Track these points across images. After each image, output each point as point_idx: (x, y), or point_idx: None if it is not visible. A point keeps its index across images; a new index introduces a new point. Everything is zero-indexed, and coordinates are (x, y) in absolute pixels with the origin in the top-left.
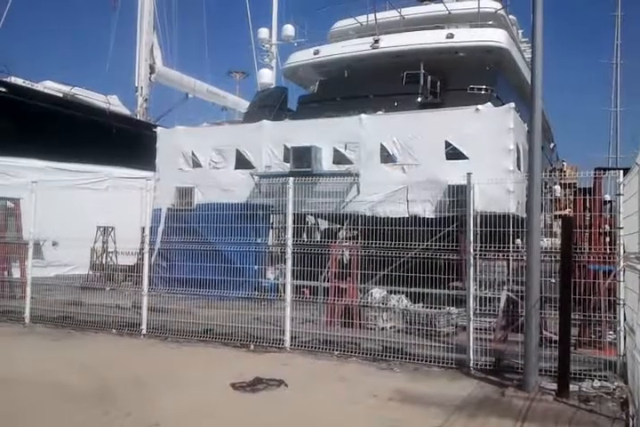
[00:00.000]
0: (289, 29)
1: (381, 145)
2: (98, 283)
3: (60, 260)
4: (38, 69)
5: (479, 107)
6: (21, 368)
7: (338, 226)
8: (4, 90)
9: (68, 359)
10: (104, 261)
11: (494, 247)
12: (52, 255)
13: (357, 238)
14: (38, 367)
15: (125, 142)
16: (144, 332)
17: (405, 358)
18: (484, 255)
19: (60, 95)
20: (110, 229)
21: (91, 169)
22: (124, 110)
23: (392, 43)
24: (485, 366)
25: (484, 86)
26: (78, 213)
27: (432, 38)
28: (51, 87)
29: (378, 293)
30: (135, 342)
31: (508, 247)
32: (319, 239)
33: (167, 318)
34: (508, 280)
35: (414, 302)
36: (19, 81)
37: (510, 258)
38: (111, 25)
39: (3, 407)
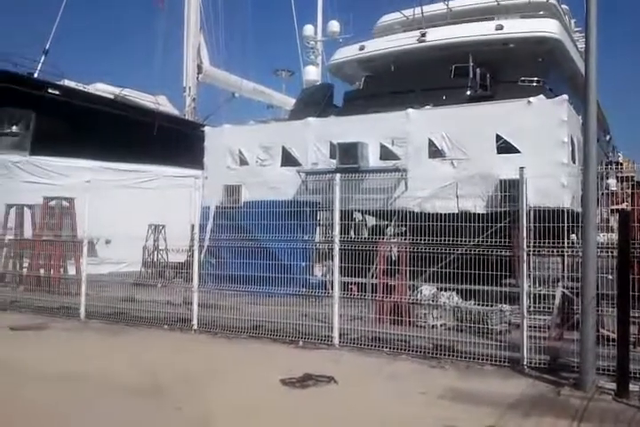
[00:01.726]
0: (334, 26)
1: (429, 140)
2: (149, 280)
3: (113, 257)
4: (89, 72)
5: (531, 99)
6: (76, 363)
7: (385, 222)
8: (57, 93)
9: (120, 354)
10: (155, 259)
11: (548, 243)
12: (106, 253)
13: (406, 235)
14: (92, 362)
15: (174, 142)
16: (195, 327)
17: (457, 356)
18: (538, 251)
19: (111, 97)
20: (161, 227)
21: (141, 168)
22: (173, 110)
23: (439, 36)
24: (540, 364)
25: (535, 78)
26: (130, 211)
27: (481, 30)
28: (102, 89)
29: (427, 290)
30: (186, 337)
31: (563, 243)
32: (367, 236)
33: (217, 314)
34: (563, 277)
35: (465, 300)
36: (71, 84)
37: (565, 254)
38: (159, 26)
39: (57, 401)
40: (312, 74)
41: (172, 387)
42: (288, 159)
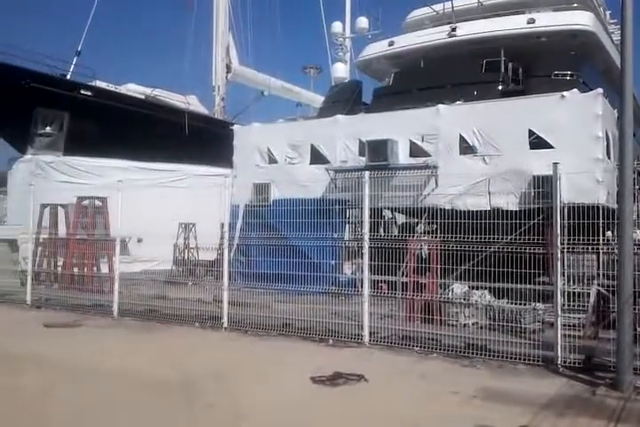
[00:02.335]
0: (362, 22)
1: (460, 136)
2: (180, 278)
3: (145, 256)
4: (120, 72)
5: (564, 93)
6: (109, 360)
7: (416, 220)
8: (89, 93)
9: (152, 351)
10: (186, 257)
11: (583, 240)
12: (138, 251)
13: (436, 233)
14: (124, 359)
15: (204, 141)
16: (225, 325)
17: (489, 355)
18: (573, 249)
19: (142, 97)
20: (191, 226)
21: (172, 168)
22: (203, 110)
23: (470, 30)
24: (574, 363)
25: (569, 72)
26: (161, 210)
27: (512, 24)
28: (133, 90)
29: (459, 288)
30: (217, 335)
31: (598, 240)
32: (396, 234)
33: (247, 311)
34: (598, 274)
35: (498, 298)
36: (103, 84)
37: (600, 251)
38: (188, 27)
39: (92, 398)
40: (340, 71)
41: (204, 384)
42: (317, 157)
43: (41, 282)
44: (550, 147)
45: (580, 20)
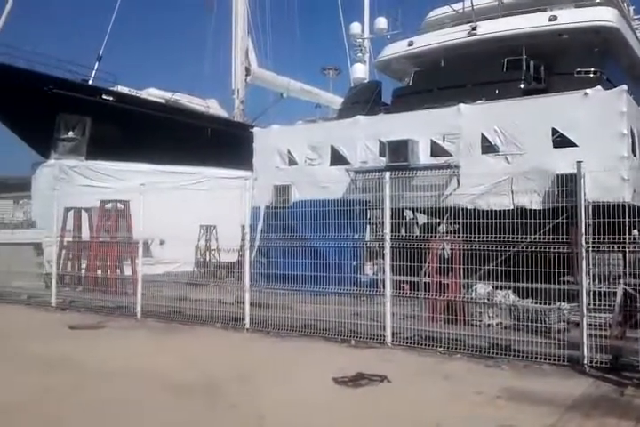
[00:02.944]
0: (381, 22)
1: (482, 135)
2: (202, 279)
3: (167, 258)
4: (141, 76)
5: (588, 91)
6: (132, 361)
7: (437, 220)
8: (111, 98)
9: (176, 353)
10: (207, 259)
11: (609, 239)
12: (160, 253)
13: (459, 232)
14: (148, 360)
15: (224, 144)
16: (247, 326)
17: (513, 356)
18: (598, 248)
19: (163, 101)
20: (212, 228)
21: (193, 170)
22: (223, 113)
23: (491, 29)
24: (601, 363)
25: (592, 69)
26: (182, 212)
27: (534, 22)
28: (154, 94)
29: (482, 288)
30: (239, 336)
31: (624, 238)
32: (418, 234)
33: (269, 313)
34: (625, 273)
35: (522, 298)
36: (124, 89)
37: (627, 250)
38: (207, 31)
39: (117, 398)
40: (360, 72)
41: (227, 385)
42: (337, 158)
43: (65, 284)
44: (574, 145)
45: (603, 16)
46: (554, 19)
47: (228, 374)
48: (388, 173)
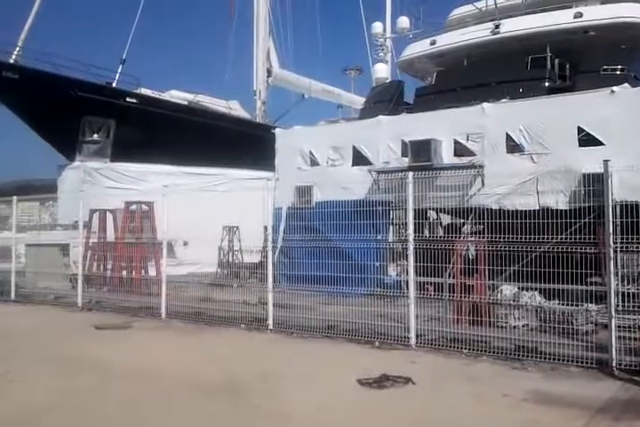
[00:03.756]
0: (403, 22)
1: (507, 134)
2: (225, 280)
3: (191, 258)
4: (163, 78)
5: (615, 88)
6: (157, 361)
7: (462, 220)
8: (135, 101)
9: (200, 353)
10: (230, 259)
11: (637, 239)
12: (183, 254)
13: (483, 233)
14: (173, 361)
15: (246, 145)
16: (270, 327)
17: (540, 358)
18: (626, 248)
19: (185, 103)
20: (235, 229)
21: (215, 172)
22: (245, 114)
23: (515, 26)
24: (630, 366)
25: (619, 66)
26: (205, 213)
27: (558, 19)
28: (176, 96)
29: (508, 289)
30: (263, 336)
31: None
32: (442, 235)
33: (292, 313)
34: None
35: (548, 299)
36: (147, 92)
37: None
38: (229, 32)
39: (140, 399)
40: (382, 71)
41: (251, 385)
42: (359, 159)
43: (91, 285)
44: (601, 144)
45: (630, 12)
46: (579, 15)
47: (252, 375)
48: (410, 174)
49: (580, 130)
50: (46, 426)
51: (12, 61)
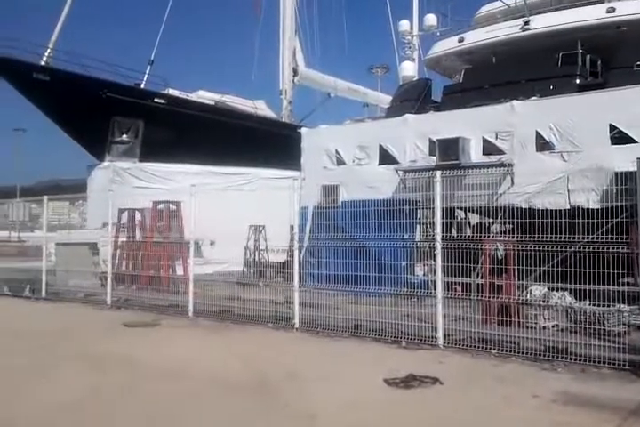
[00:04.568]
0: (430, 19)
1: (537, 132)
2: (252, 279)
3: (217, 257)
4: (190, 79)
5: None
6: (185, 360)
7: (490, 220)
8: (163, 101)
9: (227, 352)
10: (256, 259)
11: None
12: (210, 253)
13: (512, 232)
14: (200, 359)
15: (272, 144)
16: (297, 326)
17: (570, 359)
18: None
19: (212, 103)
20: (261, 228)
21: (242, 171)
22: (271, 114)
23: (545, 23)
24: None
25: None
26: (232, 213)
27: (590, 14)
28: (203, 96)
29: (538, 290)
30: (289, 335)
31: None
32: (470, 234)
33: (318, 313)
34: None
35: (579, 300)
36: (175, 92)
37: None
38: (255, 33)
39: (169, 397)
40: (408, 70)
41: (279, 384)
42: (385, 158)
43: (120, 283)
44: (633, 141)
45: None
46: (612, 11)
47: (279, 373)
48: (438, 172)
49: (612, 127)
50: (76, 422)
51: (43, 63)
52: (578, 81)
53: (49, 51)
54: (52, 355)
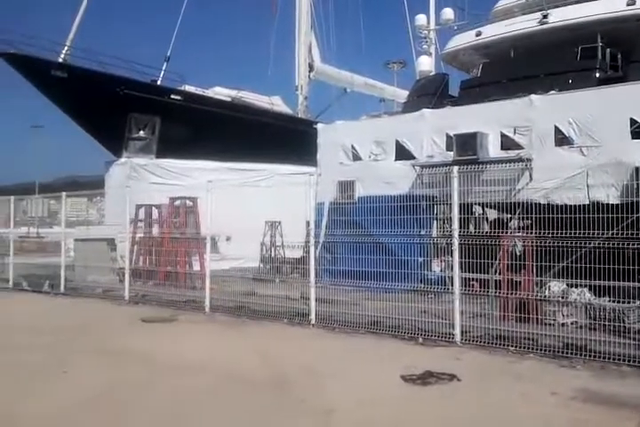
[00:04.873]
0: (447, 13)
1: (556, 127)
2: (268, 275)
3: (233, 253)
4: (206, 75)
5: None
6: (202, 354)
7: (508, 215)
8: (179, 98)
9: (243, 347)
10: (272, 255)
11: None
12: (226, 249)
13: (531, 228)
14: (217, 354)
15: (288, 140)
16: (313, 322)
17: (589, 356)
18: None
19: (229, 99)
20: (277, 224)
21: (258, 167)
22: (287, 110)
23: (563, 16)
24: None
25: None
26: (248, 209)
27: (610, 7)
28: (220, 92)
29: (556, 286)
30: (305, 331)
31: None
32: (488, 230)
33: (334, 309)
34: None
35: (598, 296)
36: (191, 89)
37: None
38: (271, 28)
39: (186, 392)
40: (425, 64)
41: (294, 380)
42: (402, 153)
43: (137, 279)
44: None
45: None
46: (632, 3)
47: (295, 369)
48: (456, 168)
49: (632, 121)
50: (97, 416)
51: (60, 60)
52: (597, 75)
53: (66, 48)
54: (70, 350)
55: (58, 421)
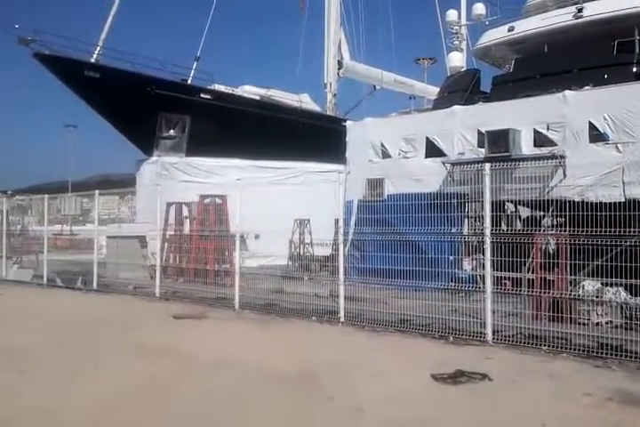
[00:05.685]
0: (479, 8)
1: (590, 123)
2: (296, 273)
3: (262, 251)
4: (236, 73)
5: None
6: (232, 351)
7: (541, 213)
8: (209, 97)
9: (273, 344)
10: (301, 252)
11: None
12: (255, 247)
13: (564, 226)
14: (247, 351)
15: (317, 138)
16: (342, 320)
17: (625, 356)
18: None
19: (258, 98)
20: (306, 222)
21: (286, 165)
22: (315, 107)
23: (599, 10)
24: None
25: None
26: (276, 207)
27: None
28: (249, 91)
29: (590, 285)
30: (334, 329)
31: None
32: (520, 228)
33: (363, 307)
34: None
35: (634, 296)
36: (221, 88)
37: None
38: (300, 26)
39: (217, 389)
40: (456, 60)
41: (323, 377)
42: (432, 150)
43: (168, 276)
44: None
45: None
46: None
47: (324, 367)
48: (487, 165)
49: None
50: (131, 410)
51: (93, 61)
52: (634, 69)
53: (99, 48)
54: (106, 345)
55: (93, 415)
